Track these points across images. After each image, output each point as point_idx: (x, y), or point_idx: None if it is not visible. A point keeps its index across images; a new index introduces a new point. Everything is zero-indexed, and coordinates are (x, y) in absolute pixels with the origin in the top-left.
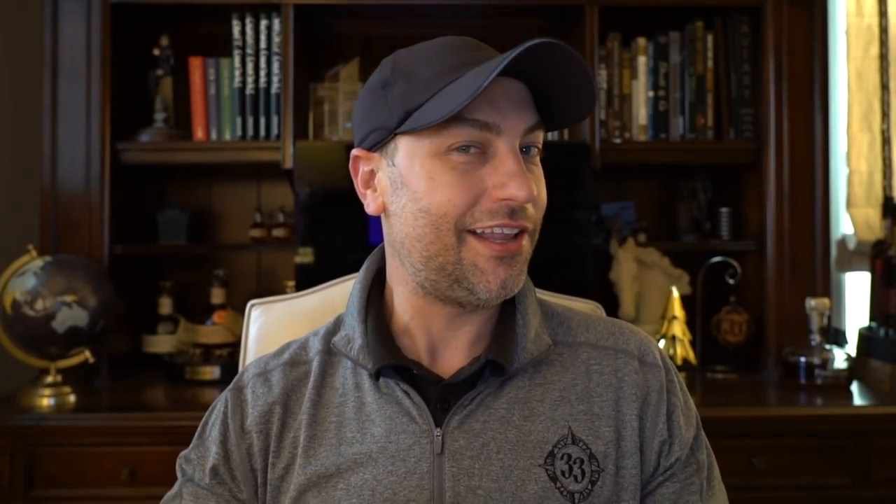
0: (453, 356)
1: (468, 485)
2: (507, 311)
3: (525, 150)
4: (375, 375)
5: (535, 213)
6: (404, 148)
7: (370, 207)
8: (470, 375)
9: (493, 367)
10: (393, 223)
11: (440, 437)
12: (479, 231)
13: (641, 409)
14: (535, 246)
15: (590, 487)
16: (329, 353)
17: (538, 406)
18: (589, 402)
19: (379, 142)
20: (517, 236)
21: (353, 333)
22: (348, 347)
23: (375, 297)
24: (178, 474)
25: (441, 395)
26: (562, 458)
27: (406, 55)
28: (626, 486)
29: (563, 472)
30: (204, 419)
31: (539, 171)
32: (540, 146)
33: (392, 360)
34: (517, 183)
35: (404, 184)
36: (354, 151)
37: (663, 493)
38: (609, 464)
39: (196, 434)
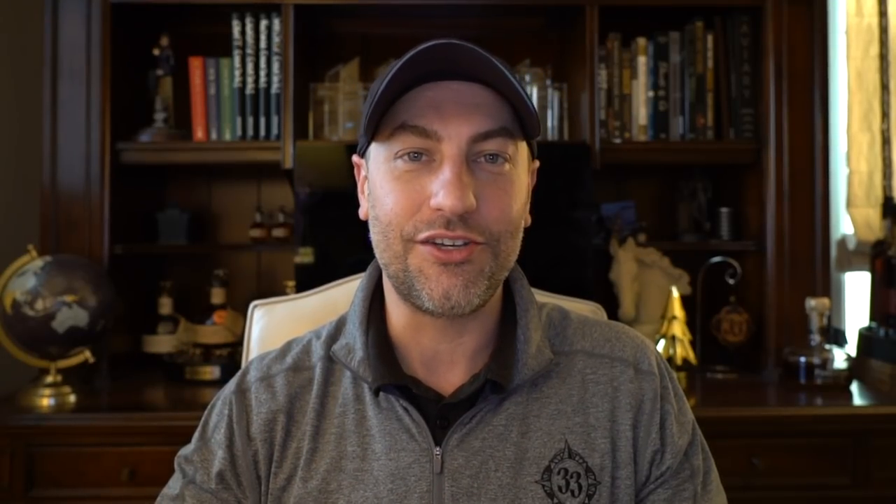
0: (451, 371)
1: None
2: (508, 324)
3: (491, 158)
4: (375, 392)
5: (488, 224)
6: (372, 155)
7: (360, 212)
8: (469, 394)
9: (493, 384)
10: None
11: (440, 456)
12: (424, 240)
13: (635, 418)
14: (536, 246)
15: (587, 501)
16: (330, 359)
17: (535, 421)
18: (585, 413)
19: (362, 147)
20: (466, 246)
21: (355, 344)
22: (349, 358)
23: (377, 305)
24: (178, 474)
25: (440, 413)
26: (559, 472)
27: (395, 62)
28: (622, 497)
29: (560, 488)
30: (204, 419)
31: (504, 180)
32: (508, 156)
33: (392, 380)
34: (445, 192)
35: (370, 190)
36: (354, 157)
37: (654, 501)
38: (605, 476)
39: (197, 434)
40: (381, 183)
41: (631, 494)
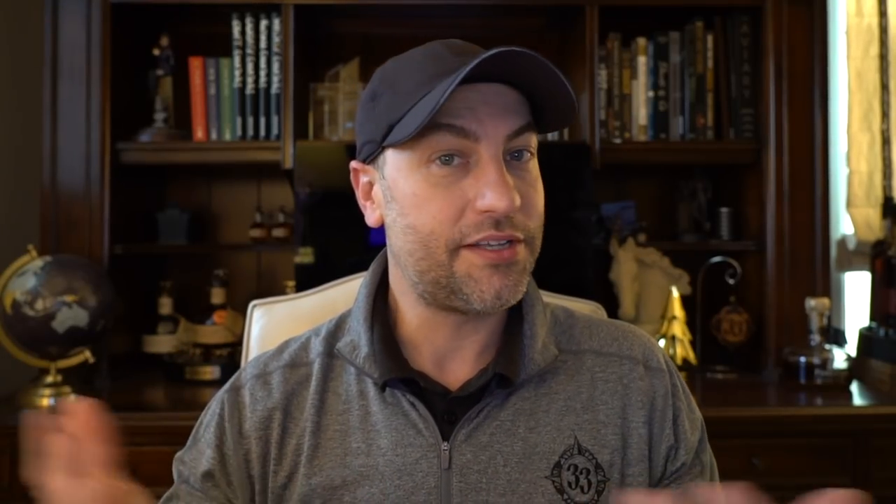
0: (459, 367)
1: (476, 500)
2: (514, 321)
3: (516, 155)
4: (382, 387)
5: (526, 221)
6: (391, 161)
7: (370, 220)
8: (477, 388)
9: (500, 379)
10: (389, 235)
11: (447, 452)
12: (472, 244)
13: (649, 415)
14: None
15: (596, 497)
16: (330, 355)
17: (544, 416)
18: (594, 410)
19: (371, 154)
20: (510, 245)
21: (360, 340)
22: (354, 355)
23: (381, 303)
24: (175, 475)
25: (447, 408)
26: (568, 468)
27: (393, 65)
28: None
29: (569, 484)
30: (199, 419)
31: (532, 176)
32: (532, 150)
33: (400, 374)
34: (496, 193)
35: (393, 198)
36: (353, 164)
37: None
38: (614, 472)
39: (191, 434)
40: (415, 190)
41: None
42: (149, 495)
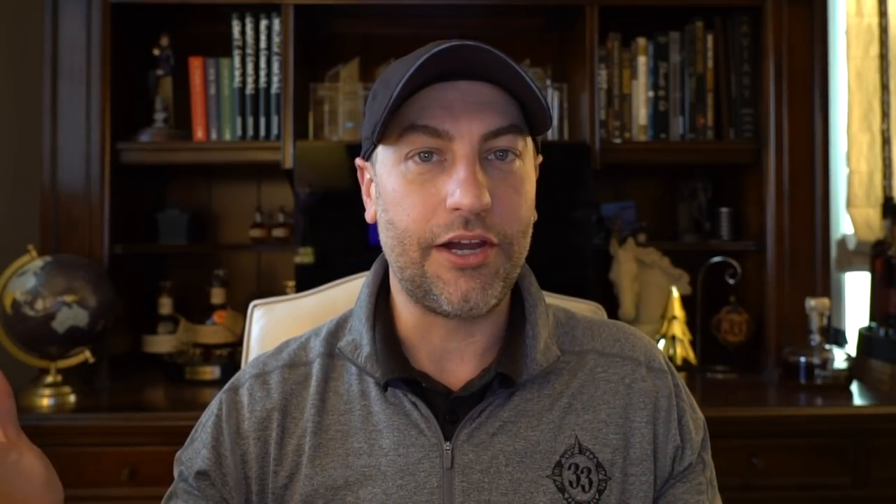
0: (460, 367)
1: (478, 499)
2: (516, 321)
3: (500, 155)
4: (384, 387)
5: (502, 224)
6: (380, 158)
7: (367, 215)
8: (479, 388)
9: (502, 378)
10: (379, 232)
11: (450, 451)
12: (442, 244)
13: (653, 416)
14: (536, 246)
15: (597, 497)
16: (331, 355)
17: (546, 416)
18: (596, 410)
19: (367, 151)
20: (481, 249)
21: (361, 340)
22: (355, 354)
23: (383, 303)
24: (175, 474)
25: (449, 408)
26: (569, 468)
27: (394, 63)
28: (636, 493)
29: (570, 483)
30: (199, 419)
31: (515, 178)
32: (518, 151)
33: (402, 374)
34: (462, 190)
35: (380, 194)
36: (357, 161)
37: (675, 494)
38: (616, 471)
39: (190, 434)
40: (394, 187)
41: (646, 491)
42: (44, 455)
